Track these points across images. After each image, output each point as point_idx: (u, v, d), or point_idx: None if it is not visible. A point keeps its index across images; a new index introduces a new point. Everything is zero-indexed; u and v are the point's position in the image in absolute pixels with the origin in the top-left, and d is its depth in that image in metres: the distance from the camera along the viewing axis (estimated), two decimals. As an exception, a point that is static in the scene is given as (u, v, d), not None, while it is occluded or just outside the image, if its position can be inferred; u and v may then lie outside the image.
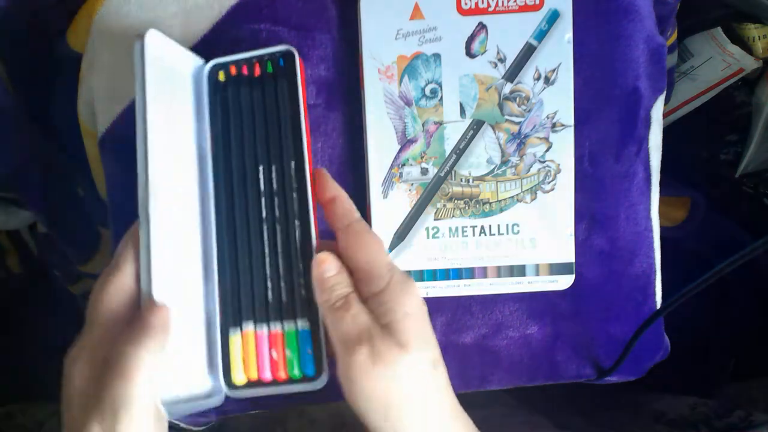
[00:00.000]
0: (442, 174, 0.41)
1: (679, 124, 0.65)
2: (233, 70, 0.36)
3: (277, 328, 0.34)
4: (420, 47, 0.40)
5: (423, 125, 0.40)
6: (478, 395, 0.47)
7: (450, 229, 0.41)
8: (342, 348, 0.30)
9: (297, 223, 0.34)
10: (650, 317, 0.42)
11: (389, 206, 0.41)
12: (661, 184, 0.45)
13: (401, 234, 0.41)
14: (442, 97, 0.40)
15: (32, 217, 0.69)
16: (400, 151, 0.41)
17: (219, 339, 0.34)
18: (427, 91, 0.40)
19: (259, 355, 0.34)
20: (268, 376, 0.34)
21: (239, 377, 0.34)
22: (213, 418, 0.47)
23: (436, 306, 0.44)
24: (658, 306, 0.46)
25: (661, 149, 0.45)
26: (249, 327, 0.34)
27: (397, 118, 0.40)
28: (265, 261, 0.35)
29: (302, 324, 0.34)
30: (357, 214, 0.33)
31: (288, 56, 0.35)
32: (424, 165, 0.41)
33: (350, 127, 0.41)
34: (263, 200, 0.35)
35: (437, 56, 0.40)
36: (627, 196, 0.44)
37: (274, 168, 0.35)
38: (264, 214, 0.35)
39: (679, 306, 0.40)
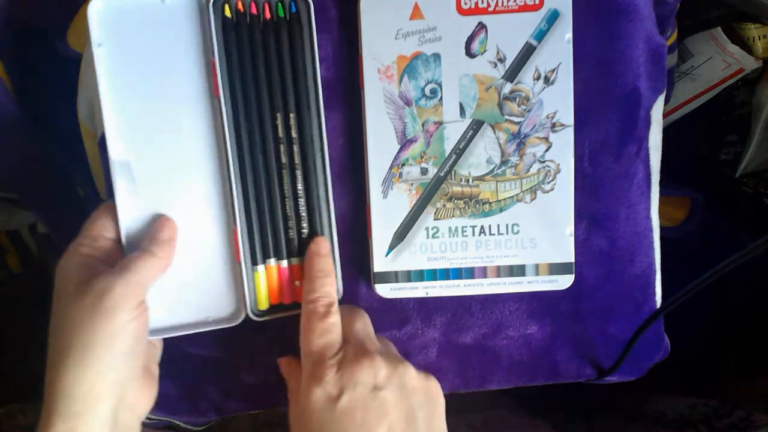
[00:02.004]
0: (442, 174, 0.41)
1: (679, 124, 0.65)
2: (240, 6, 0.37)
3: (296, 261, 0.40)
4: (420, 47, 0.40)
5: (423, 125, 0.40)
6: (478, 397, 0.47)
7: (450, 229, 0.41)
8: (305, 364, 0.35)
9: (315, 170, 0.39)
10: (650, 317, 0.42)
11: (389, 206, 0.41)
12: (661, 184, 0.45)
13: (401, 234, 0.41)
14: (441, 97, 0.40)
15: (32, 217, 0.69)
16: (399, 151, 0.41)
17: (245, 271, 0.39)
18: (427, 91, 0.40)
19: (282, 283, 0.40)
20: (289, 299, 0.40)
21: (263, 303, 0.40)
22: (213, 418, 0.48)
23: (436, 306, 0.44)
24: (658, 306, 0.46)
25: (661, 149, 0.45)
26: (272, 262, 0.39)
27: (396, 118, 0.40)
28: (286, 204, 0.39)
29: None
30: (315, 295, 0.36)
31: (301, 2, 0.37)
32: (423, 165, 0.41)
33: (350, 127, 0.41)
34: (282, 147, 0.38)
35: (437, 56, 0.40)
36: (627, 196, 0.44)
37: (292, 117, 0.38)
38: (284, 160, 0.38)
39: (679, 306, 0.40)
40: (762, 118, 0.61)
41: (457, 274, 0.42)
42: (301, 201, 0.39)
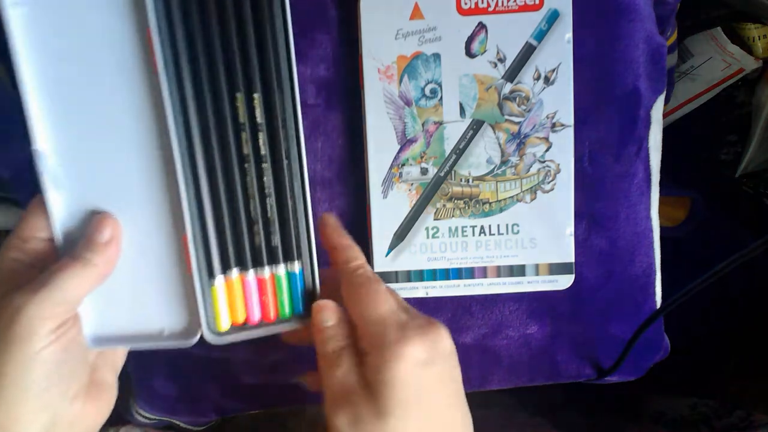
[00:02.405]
0: (442, 174, 0.41)
1: (679, 124, 0.65)
2: None
3: (265, 272, 0.32)
4: (420, 47, 0.40)
5: (423, 125, 0.40)
6: (478, 395, 0.47)
7: (450, 229, 0.41)
8: (328, 403, 0.30)
9: (286, 161, 0.31)
10: (650, 317, 0.42)
11: (389, 206, 0.41)
12: (661, 184, 0.45)
13: (401, 234, 0.41)
14: (441, 97, 0.40)
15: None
16: (399, 151, 0.41)
17: (198, 285, 0.32)
18: (427, 91, 0.40)
19: (247, 298, 0.33)
20: (256, 317, 0.33)
21: (224, 322, 0.32)
22: (213, 418, 0.48)
23: (436, 306, 0.44)
24: (658, 306, 0.46)
25: (661, 149, 0.45)
26: (234, 273, 0.32)
27: (396, 118, 0.40)
28: (250, 203, 0.31)
29: (292, 267, 0.32)
30: (357, 263, 0.32)
31: None
32: (423, 165, 0.41)
33: (350, 127, 0.41)
34: (243, 135, 0.31)
35: (437, 56, 0.40)
36: (627, 196, 0.44)
37: (256, 97, 0.30)
38: (245, 151, 0.31)
39: (679, 306, 0.40)
40: (762, 118, 0.61)
41: (457, 274, 0.42)
42: (270, 200, 0.32)
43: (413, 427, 0.29)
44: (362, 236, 0.42)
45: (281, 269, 0.33)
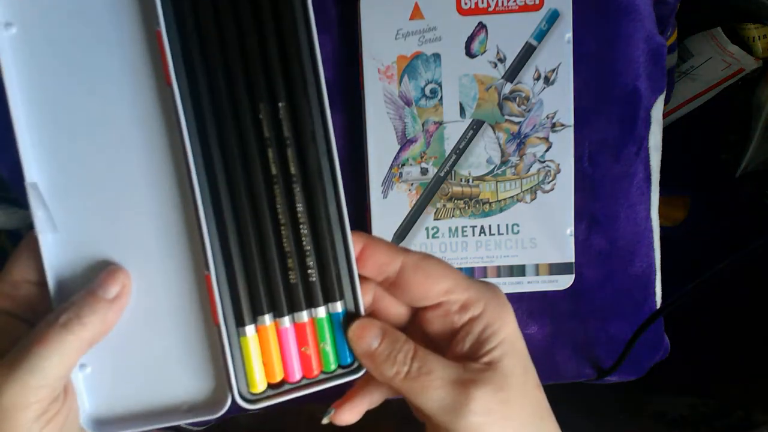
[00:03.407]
0: (442, 174, 0.41)
1: (679, 124, 0.65)
2: None
3: (303, 317, 0.27)
4: (420, 47, 0.40)
5: (423, 125, 0.40)
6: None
7: (450, 229, 0.41)
8: (442, 416, 0.25)
9: (320, 181, 0.26)
10: (650, 317, 0.42)
11: (389, 206, 0.41)
12: (661, 184, 0.45)
13: (401, 234, 0.41)
14: (441, 97, 0.40)
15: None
16: (399, 151, 0.41)
17: (226, 337, 0.26)
18: (427, 91, 0.40)
19: (284, 350, 0.27)
20: (297, 374, 0.27)
21: (259, 382, 0.27)
22: (213, 419, 0.47)
23: (436, 306, 0.44)
24: (658, 306, 0.46)
25: (661, 149, 0.45)
26: (267, 320, 0.27)
27: (397, 118, 0.40)
28: (282, 234, 0.26)
29: (335, 307, 0.27)
30: (398, 249, 0.27)
31: None
32: (423, 165, 0.41)
33: (350, 127, 0.41)
34: (270, 152, 0.26)
35: (437, 56, 0.40)
36: (627, 196, 0.44)
37: (281, 107, 0.26)
38: (273, 171, 0.26)
39: (679, 306, 0.40)
40: (762, 118, 0.61)
41: (457, 274, 0.42)
42: (304, 228, 0.26)
43: (535, 380, 0.27)
44: (362, 236, 0.42)
45: (322, 311, 0.27)
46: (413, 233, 0.41)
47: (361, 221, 0.42)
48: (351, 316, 0.27)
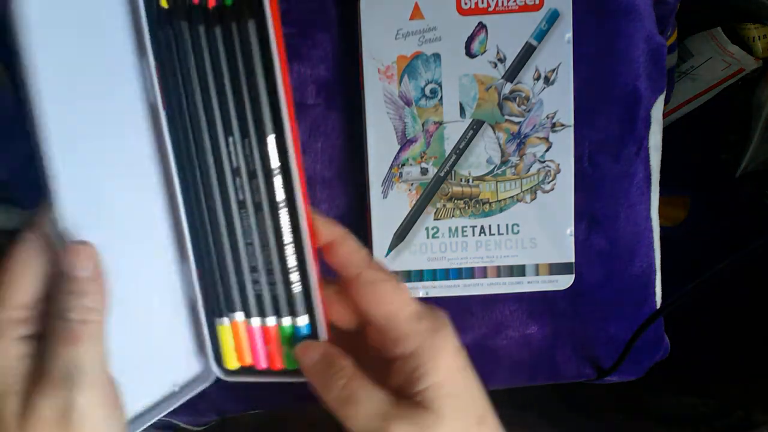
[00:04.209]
0: (442, 174, 0.41)
1: (679, 124, 0.65)
2: None
3: (271, 322, 0.30)
4: (420, 47, 0.40)
5: (423, 125, 0.40)
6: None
7: (450, 229, 0.41)
8: None
9: (284, 210, 0.29)
10: (650, 317, 0.42)
11: (389, 206, 0.41)
12: (661, 184, 0.45)
13: (401, 234, 0.41)
14: (441, 97, 0.40)
15: (32, 217, 0.69)
16: (399, 151, 0.41)
17: (205, 323, 0.31)
18: (427, 91, 0.40)
19: (253, 345, 0.31)
20: (263, 364, 0.31)
21: (233, 362, 0.31)
22: (213, 418, 0.48)
23: (436, 306, 0.44)
24: (658, 306, 0.46)
25: (661, 149, 0.45)
26: (239, 317, 0.31)
27: (397, 118, 0.40)
28: (254, 252, 0.30)
29: (301, 321, 0.30)
30: (365, 258, 0.28)
31: None
32: (423, 165, 0.41)
33: (350, 127, 0.41)
34: (238, 181, 0.29)
35: (437, 56, 0.40)
36: (627, 196, 0.44)
37: (248, 143, 0.28)
38: (241, 197, 0.29)
39: (679, 306, 0.40)
40: (762, 118, 0.61)
41: (457, 274, 0.42)
42: (268, 251, 0.30)
43: (474, 419, 0.27)
44: (362, 236, 0.42)
45: (287, 322, 0.30)
46: (413, 233, 0.41)
47: (361, 221, 0.42)
48: (313, 331, 0.30)
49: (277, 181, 0.28)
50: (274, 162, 0.28)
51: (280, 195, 0.29)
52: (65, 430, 0.23)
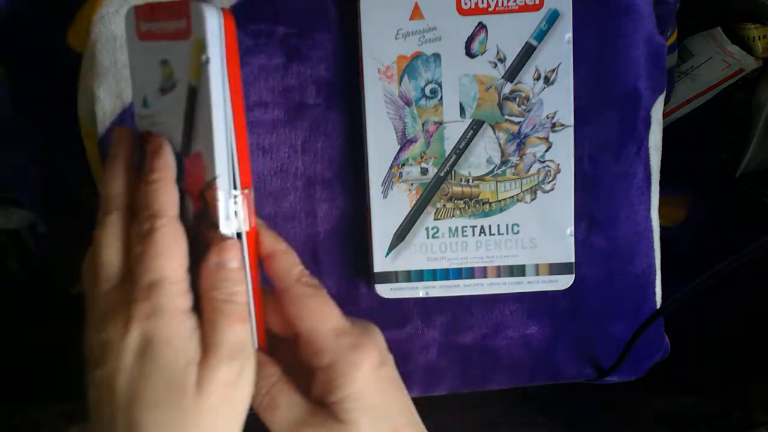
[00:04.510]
0: (442, 174, 0.41)
1: (679, 124, 0.65)
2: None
3: None
4: (420, 47, 0.40)
5: (423, 125, 0.40)
6: (478, 395, 0.47)
7: (450, 229, 0.41)
8: None
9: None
10: (650, 317, 0.42)
11: (389, 206, 0.41)
12: (661, 184, 0.45)
13: (401, 234, 0.41)
14: (441, 97, 0.40)
15: (32, 217, 0.69)
16: (399, 151, 0.41)
17: None
18: (427, 91, 0.40)
19: None
20: None
21: None
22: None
23: (436, 306, 0.44)
24: (658, 306, 0.46)
25: (661, 149, 0.45)
26: None
27: (397, 118, 0.40)
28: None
29: None
30: (297, 272, 0.29)
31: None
32: (423, 165, 0.41)
33: (350, 127, 0.41)
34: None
35: (437, 56, 0.40)
36: (627, 196, 0.44)
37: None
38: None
39: (679, 306, 0.40)
40: (762, 118, 0.61)
41: (457, 274, 0.42)
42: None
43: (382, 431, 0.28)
44: (362, 236, 0.42)
45: None
46: (413, 233, 0.41)
47: (361, 221, 0.42)
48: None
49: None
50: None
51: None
52: (232, 399, 0.26)
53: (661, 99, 0.44)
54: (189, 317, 0.27)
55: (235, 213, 0.28)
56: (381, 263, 0.41)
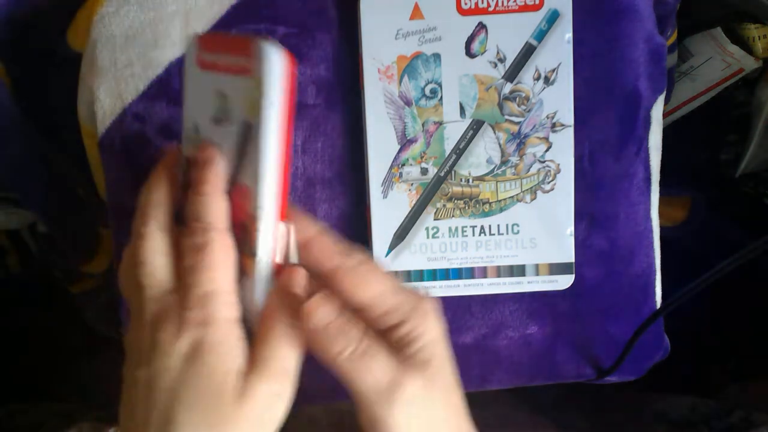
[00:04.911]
0: (442, 174, 0.41)
1: (679, 124, 0.64)
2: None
3: None
4: (420, 47, 0.40)
5: (423, 125, 0.40)
6: (478, 394, 0.47)
7: (450, 229, 0.41)
8: (373, 400, 0.27)
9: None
10: (650, 317, 0.42)
11: (389, 206, 0.41)
12: (661, 184, 0.45)
13: (401, 234, 0.41)
14: (442, 97, 0.40)
15: (32, 217, 0.69)
16: (399, 151, 0.41)
17: None
18: (427, 91, 0.40)
19: None
20: None
21: None
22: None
23: (436, 306, 0.44)
24: (658, 306, 0.46)
25: (661, 149, 0.45)
26: None
27: (396, 118, 0.40)
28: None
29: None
30: (341, 248, 0.29)
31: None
32: (423, 165, 0.41)
33: (350, 127, 0.41)
34: None
35: (437, 56, 0.40)
36: (627, 196, 0.44)
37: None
38: None
39: (679, 306, 0.40)
40: (762, 118, 0.61)
41: (457, 274, 0.42)
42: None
43: (455, 378, 0.29)
44: (362, 236, 0.42)
45: None
46: (413, 233, 0.41)
47: (361, 221, 0.42)
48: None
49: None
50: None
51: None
52: (268, 416, 0.27)
53: (661, 99, 0.44)
54: (237, 327, 0.28)
55: (275, 245, 0.29)
56: (381, 263, 0.41)
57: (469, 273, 0.42)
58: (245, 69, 0.28)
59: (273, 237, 0.29)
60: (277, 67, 0.27)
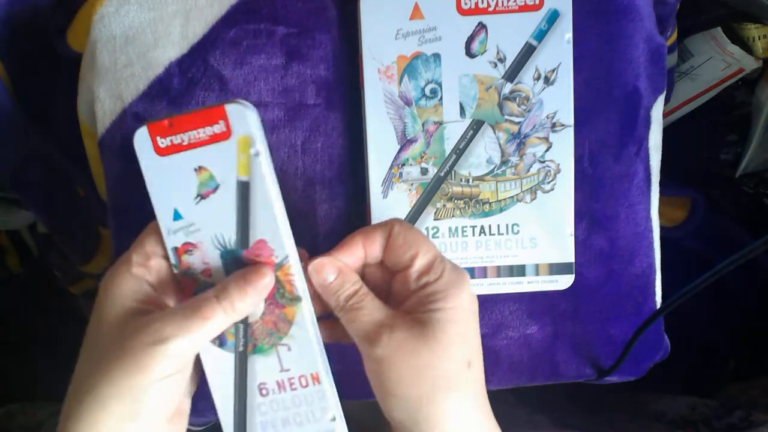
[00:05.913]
0: (442, 174, 0.41)
1: (679, 124, 0.65)
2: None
3: None
4: (420, 47, 0.40)
5: (423, 125, 0.40)
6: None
7: (450, 229, 0.41)
8: (363, 344, 0.30)
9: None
10: (650, 317, 0.42)
11: (389, 206, 0.41)
12: (661, 184, 0.45)
13: (401, 234, 0.41)
14: (441, 97, 0.40)
15: (32, 217, 0.69)
16: (399, 151, 0.41)
17: None
18: (427, 91, 0.40)
19: None
20: None
21: None
22: (213, 418, 0.47)
23: (436, 306, 0.44)
24: (658, 306, 0.46)
25: (660, 149, 0.45)
26: None
27: (396, 118, 0.40)
28: None
29: None
30: (387, 226, 0.33)
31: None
32: (423, 165, 0.41)
33: (350, 127, 0.41)
34: None
35: (437, 56, 0.40)
36: (627, 196, 0.44)
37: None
38: None
39: (679, 306, 0.40)
40: (762, 118, 0.61)
41: (457, 274, 0.42)
42: None
43: (466, 355, 0.30)
44: (362, 236, 0.42)
45: None
46: (413, 233, 0.41)
47: (362, 221, 0.42)
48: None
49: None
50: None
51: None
52: (151, 352, 0.28)
53: (661, 99, 0.44)
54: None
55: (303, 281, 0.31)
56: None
57: (470, 273, 0.42)
58: (221, 135, 0.29)
59: (305, 277, 0.31)
60: (253, 119, 0.29)
